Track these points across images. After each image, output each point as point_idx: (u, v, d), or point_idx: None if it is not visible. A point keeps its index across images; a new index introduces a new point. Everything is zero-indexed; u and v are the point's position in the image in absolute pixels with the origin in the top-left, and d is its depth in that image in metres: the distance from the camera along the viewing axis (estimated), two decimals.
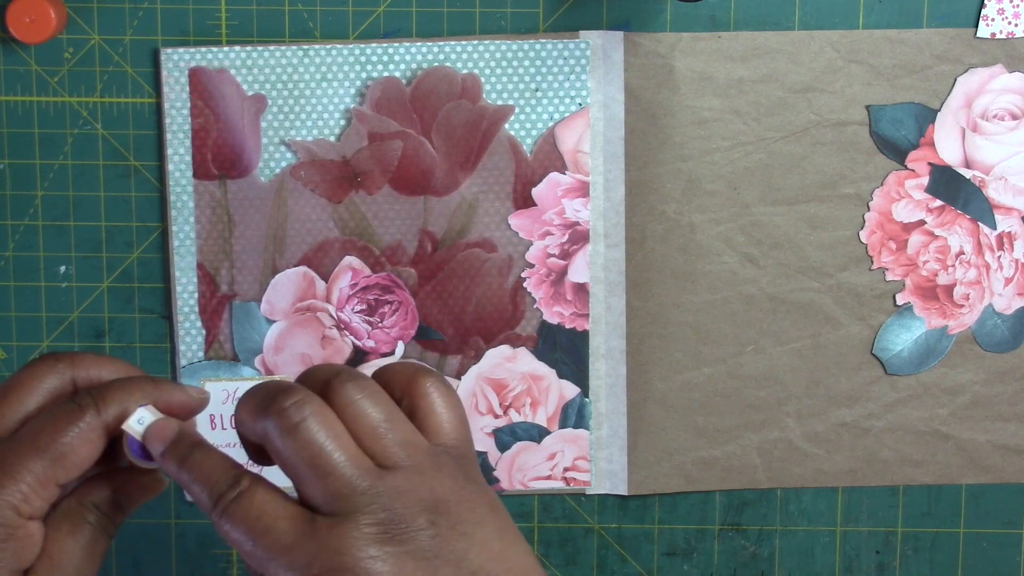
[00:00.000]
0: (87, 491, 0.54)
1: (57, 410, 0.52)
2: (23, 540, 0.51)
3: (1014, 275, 0.74)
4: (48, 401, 0.54)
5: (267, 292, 0.73)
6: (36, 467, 0.51)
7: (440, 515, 0.50)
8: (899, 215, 0.73)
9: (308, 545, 0.49)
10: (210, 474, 0.51)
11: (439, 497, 0.50)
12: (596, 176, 0.72)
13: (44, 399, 0.54)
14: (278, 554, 0.49)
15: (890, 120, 0.72)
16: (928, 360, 0.74)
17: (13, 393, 0.53)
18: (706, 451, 0.74)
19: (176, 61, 0.71)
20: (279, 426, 0.50)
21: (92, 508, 0.54)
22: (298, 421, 0.50)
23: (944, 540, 0.76)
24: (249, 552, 0.50)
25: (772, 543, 0.76)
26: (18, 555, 0.51)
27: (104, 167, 0.72)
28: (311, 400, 0.50)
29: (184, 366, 0.73)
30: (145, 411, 0.53)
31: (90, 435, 0.52)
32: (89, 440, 0.52)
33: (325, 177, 0.72)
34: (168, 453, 0.52)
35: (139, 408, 0.53)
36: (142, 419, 0.53)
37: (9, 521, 0.51)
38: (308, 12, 0.71)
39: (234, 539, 0.50)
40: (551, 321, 0.73)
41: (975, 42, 0.72)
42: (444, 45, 0.71)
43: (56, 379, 0.54)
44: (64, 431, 0.52)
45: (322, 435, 0.50)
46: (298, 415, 0.50)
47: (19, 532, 0.51)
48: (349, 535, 0.49)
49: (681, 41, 0.71)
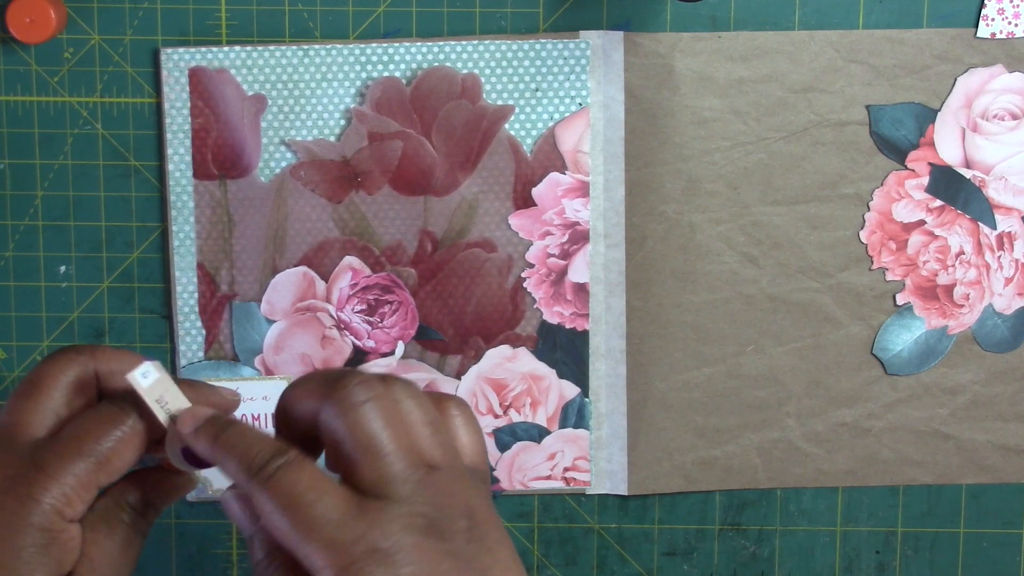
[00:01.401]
0: (121, 491, 0.54)
1: (100, 413, 0.52)
2: (66, 544, 0.51)
3: (1014, 275, 0.74)
4: (72, 394, 0.54)
5: (267, 292, 0.73)
6: (79, 470, 0.51)
7: (474, 524, 0.50)
8: (899, 215, 0.73)
9: (355, 524, 0.48)
10: (250, 446, 0.50)
11: (474, 507, 0.51)
12: (596, 176, 0.72)
13: (69, 392, 0.54)
14: (320, 529, 0.48)
15: (890, 120, 0.72)
16: (928, 360, 0.74)
17: (37, 389, 0.53)
18: (706, 451, 0.74)
19: (176, 61, 0.71)
20: (343, 402, 0.50)
21: (127, 507, 0.54)
22: (363, 400, 0.50)
23: (944, 540, 0.76)
24: (284, 528, 0.49)
25: (772, 543, 0.76)
26: (61, 559, 0.51)
27: (104, 167, 0.72)
28: (375, 385, 0.51)
29: (184, 366, 0.73)
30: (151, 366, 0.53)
31: (133, 439, 0.52)
32: (132, 444, 0.52)
33: (325, 177, 0.72)
34: (202, 431, 0.52)
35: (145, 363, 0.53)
36: (146, 373, 0.52)
37: (53, 525, 0.51)
38: (308, 12, 0.71)
39: (269, 512, 0.49)
40: (551, 321, 0.73)
41: (975, 42, 0.72)
42: (444, 45, 0.71)
43: (78, 371, 0.54)
44: (108, 434, 0.52)
45: (383, 418, 0.50)
46: (363, 395, 0.50)
47: (62, 536, 0.51)
48: (398, 520, 0.49)
49: (681, 41, 0.71)
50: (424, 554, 0.49)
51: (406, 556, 0.48)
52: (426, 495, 0.50)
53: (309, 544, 0.48)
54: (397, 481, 0.50)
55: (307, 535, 0.48)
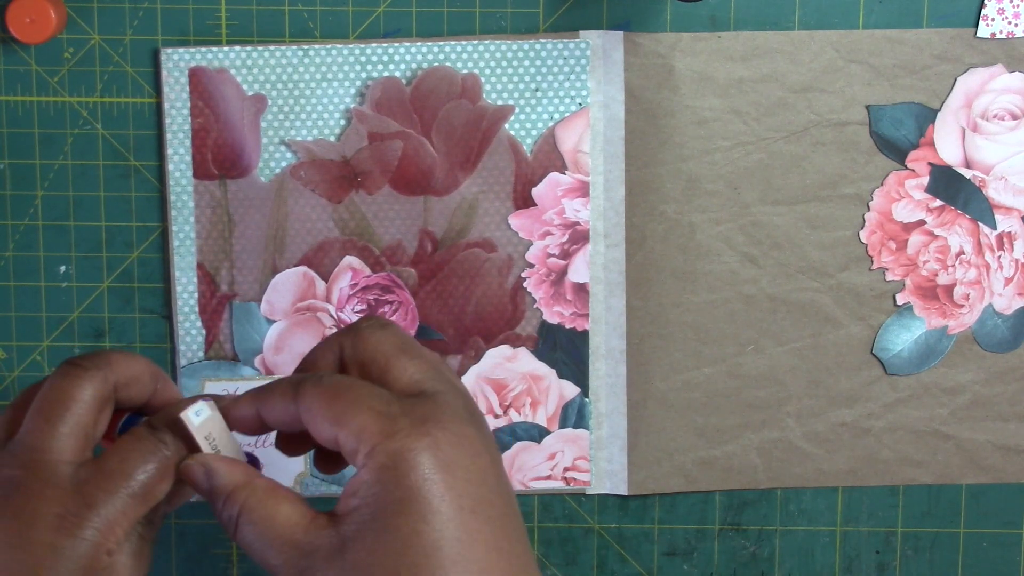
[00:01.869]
0: None
1: (140, 442, 0.53)
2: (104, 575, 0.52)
3: (1014, 275, 0.74)
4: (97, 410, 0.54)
5: (267, 292, 0.73)
6: (124, 505, 0.52)
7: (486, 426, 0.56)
8: (899, 215, 0.73)
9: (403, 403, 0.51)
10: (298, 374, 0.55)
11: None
12: (596, 176, 0.72)
13: (94, 410, 0.54)
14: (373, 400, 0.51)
15: (890, 120, 0.72)
16: (928, 360, 0.74)
17: (62, 409, 0.53)
18: (706, 451, 0.74)
19: (176, 61, 0.71)
20: (372, 325, 0.55)
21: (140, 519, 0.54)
22: (386, 322, 0.55)
23: (944, 540, 0.76)
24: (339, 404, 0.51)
25: (772, 543, 0.76)
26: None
27: (104, 167, 0.72)
28: (369, 317, 0.56)
29: (184, 366, 0.73)
30: (204, 405, 0.54)
31: (170, 469, 0.53)
32: (169, 474, 0.53)
33: (325, 177, 0.72)
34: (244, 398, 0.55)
35: (199, 402, 0.54)
36: (199, 411, 0.54)
37: (98, 562, 0.51)
38: (308, 12, 0.71)
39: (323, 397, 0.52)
40: (551, 321, 0.73)
41: (975, 42, 0.72)
42: (444, 45, 0.71)
43: (98, 385, 0.54)
44: (147, 467, 0.53)
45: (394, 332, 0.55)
46: (366, 323, 0.55)
47: (104, 572, 0.51)
48: (444, 405, 0.52)
49: (681, 41, 0.71)
50: (469, 436, 0.51)
51: (454, 432, 0.51)
52: (460, 388, 0.53)
53: (360, 414, 0.50)
54: (433, 376, 0.53)
55: (358, 407, 0.51)
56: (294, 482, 0.73)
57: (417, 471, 0.49)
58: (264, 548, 0.52)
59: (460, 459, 0.50)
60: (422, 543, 0.49)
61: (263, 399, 0.54)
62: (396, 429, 0.50)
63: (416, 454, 0.49)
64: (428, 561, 0.49)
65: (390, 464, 0.49)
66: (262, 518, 0.52)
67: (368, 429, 0.50)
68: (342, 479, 0.74)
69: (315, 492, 0.74)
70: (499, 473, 0.52)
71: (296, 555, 0.51)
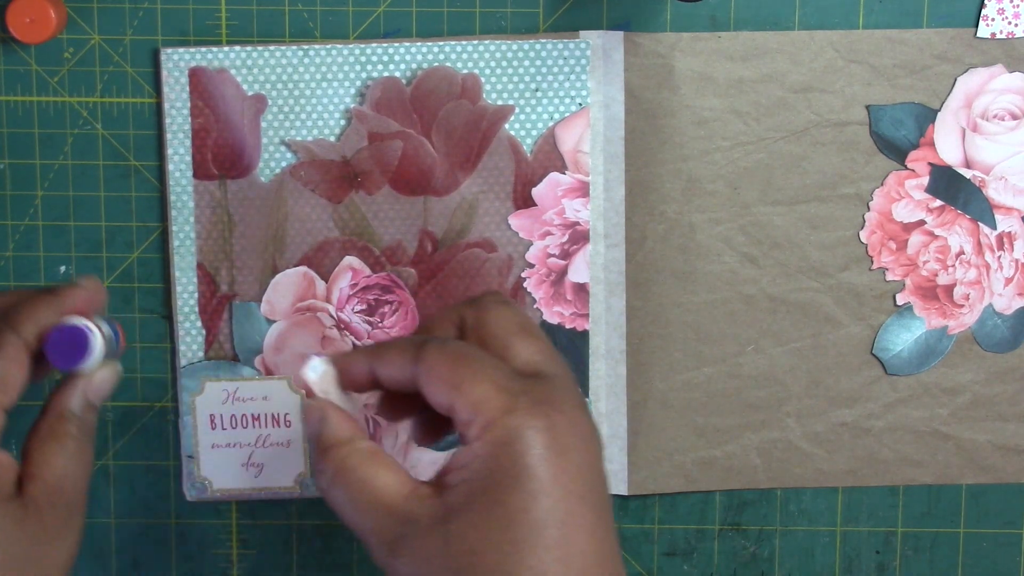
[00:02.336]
0: (58, 403, 0.57)
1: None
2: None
3: (1014, 275, 0.74)
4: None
5: (267, 292, 0.73)
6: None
7: None
8: (899, 215, 0.73)
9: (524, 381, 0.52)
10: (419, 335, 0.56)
11: None
12: (596, 176, 0.72)
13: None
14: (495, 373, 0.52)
15: (890, 120, 0.72)
16: (928, 360, 0.74)
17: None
18: (706, 451, 0.74)
19: (176, 61, 0.71)
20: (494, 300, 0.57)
21: (71, 418, 0.57)
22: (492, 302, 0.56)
23: (944, 540, 0.76)
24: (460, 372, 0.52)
25: (772, 543, 0.76)
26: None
27: (104, 167, 0.72)
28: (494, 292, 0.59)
29: (184, 366, 0.73)
30: (319, 361, 0.56)
31: (17, 356, 0.56)
32: (17, 360, 0.56)
33: (325, 177, 0.72)
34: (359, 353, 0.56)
35: (314, 358, 0.56)
36: (315, 367, 0.56)
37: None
38: (308, 12, 0.71)
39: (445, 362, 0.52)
40: (551, 321, 0.73)
41: (975, 42, 0.72)
42: (444, 45, 0.71)
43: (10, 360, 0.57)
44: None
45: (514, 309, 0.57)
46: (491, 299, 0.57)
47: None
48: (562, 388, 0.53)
49: (681, 41, 0.71)
50: (583, 422, 0.52)
51: (571, 418, 0.51)
52: (568, 373, 0.54)
53: (480, 385, 0.51)
54: (550, 357, 0.54)
55: (479, 377, 0.51)
56: (294, 482, 0.73)
57: (533, 451, 0.50)
58: (356, 511, 0.52)
59: (573, 444, 0.51)
60: (528, 521, 0.49)
61: (380, 356, 0.55)
62: (516, 406, 0.50)
63: (533, 433, 0.50)
64: (531, 539, 0.49)
65: (506, 440, 0.50)
66: (358, 480, 0.52)
67: (488, 402, 0.51)
68: None
69: (314, 492, 0.74)
70: (601, 464, 0.53)
71: (391, 522, 0.51)
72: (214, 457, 0.73)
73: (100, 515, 0.74)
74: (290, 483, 0.74)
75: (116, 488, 0.74)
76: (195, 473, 0.73)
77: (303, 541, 0.75)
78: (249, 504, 0.74)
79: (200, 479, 0.73)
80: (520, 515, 0.49)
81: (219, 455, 0.73)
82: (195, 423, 0.73)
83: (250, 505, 0.74)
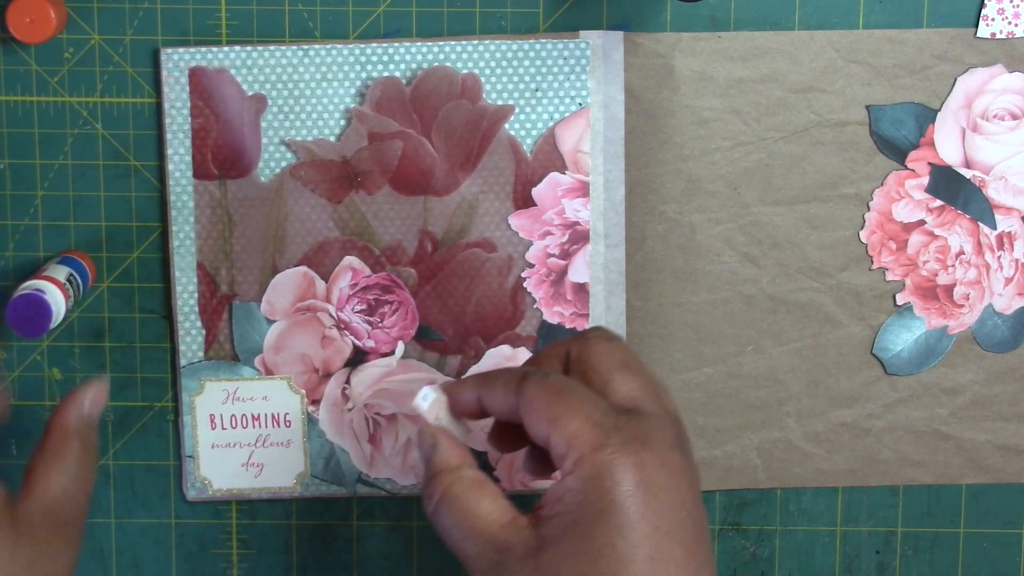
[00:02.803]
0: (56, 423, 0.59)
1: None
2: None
3: (1014, 275, 0.74)
4: None
5: (267, 292, 0.73)
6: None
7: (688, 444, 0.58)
8: (899, 215, 0.73)
9: (619, 418, 0.53)
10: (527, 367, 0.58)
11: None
12: (596, 176, 0.72)
13: None
14: (590, 409, 0.53)
15: (890, 120, 0.72)
16: (928, 360, 0.74)
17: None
18: (706, 451, 0.74)
19: (176, 61, 0.71)
20: (599, 336, 0.58)
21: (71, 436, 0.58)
22: (613, 335, 0.59)
23: (944, 540, 0.76)
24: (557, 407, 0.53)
25: (772, 543, 0.76)
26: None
27: (104, 167, 0.72)
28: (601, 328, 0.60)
29: (184, 366, 0.73)
30: (429, 390, 0.59)
31: None
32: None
33: (325, 177, 0.72)
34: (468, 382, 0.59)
35: (424, 387, 0.59)
36: (426, 396, 0.59)
37: None
38: (308, 12, 0.71)
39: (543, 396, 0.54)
40: (551, 321, 0.73)
41: (975, 42, 0.72)
42: (444, 45, 0.71)
43: None
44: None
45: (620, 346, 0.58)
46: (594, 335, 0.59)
47: None
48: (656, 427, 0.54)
49: (681, 41, 0.71)
50: (674, 462, 0.53)
51: (662, 457, 0.52)
52: (671, 412, 0.55)
53: (575, 419, 0.53)
54: (650, 395, 0.55)
55: (575, 412, 0.53)
56: (295, 481, 0.73)
57: (621, 487, 0.51)
58: (460, 536, 0.54)
59: (662, 482, 0.52)
60: (616, 555, 0.51)
61: (487, 385, 0.57)
62: (607, 443, 0.52)
63: (622, 470, 0.51)
64: (618, 573, 0.50)
65: (596, 475, 0.51)
66: (463, 507, 0.55)
67: (581, 437, 0.52)
68: (341, 479, 0.74)
69: (314, 492, 0.74)
70: (697, 502, 0.54)
71: (490, 549, 0.53)
72: (214, 457, 0.73)
73: (100, 515, 0.74)
74: (290, 483, 0.74)
75: (116, 488, 0.74)
76: (195, 473, 0.73)
77: (303, 541, 0.75)
78: (249, 504, 0.74)
79: (200, 479, 0.73)
80: (607, 549, 0.51)
81: (219, 455, 0.73)
82: (195, 423, 0.73)
83: (250, 505, 0.74)
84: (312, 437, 0.73)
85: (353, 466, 0.74)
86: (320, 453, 0.73)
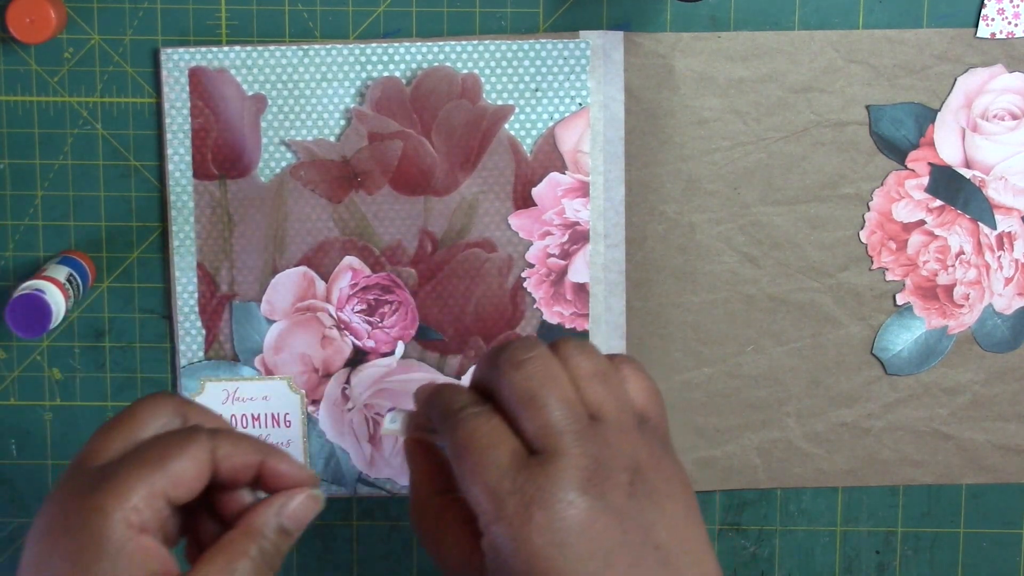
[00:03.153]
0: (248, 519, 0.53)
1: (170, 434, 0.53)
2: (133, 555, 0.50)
3: (1014, 275, 0.74)
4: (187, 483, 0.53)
5: (267, 292, 0.73)
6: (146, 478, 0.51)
7: (639, 478, 0.52)
8: (899, 215, 0.73)
9: (515, 476, 0.51)
10: (454, 398, 0.55)
11: (640, 460, 0.53)
12: (596, 176, 0.72)
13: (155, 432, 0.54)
14: (484, 474, 0.51)
15: (890, 120, 0.72)
16: (928, 360, 0.74)
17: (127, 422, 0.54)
18: (706, 451, 0.74)
19: (176, 61, 0.71)
20: (505, 363, 0.53)
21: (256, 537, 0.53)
22: (523, 359, 0.53)
23: (944, 540, 0.76)
24: (461, 467, 0.52)
25: (772, 543, 0.76)
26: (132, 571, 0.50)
27: (104, 167, 0.72)
28: (538, 346, 0.54)
29: (184, 366, 0.73)
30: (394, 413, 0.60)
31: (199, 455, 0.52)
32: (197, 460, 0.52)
33: (325, 177, 0.72)
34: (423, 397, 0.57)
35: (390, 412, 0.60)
36: (392, 418, 0.60)
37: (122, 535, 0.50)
38: (308, 12, 0.71)
39: (452, 450, 0.53)
40: (551, 321, 0.73)
41: (975, 42, 0.72)
42: (444, 45, 0.71)
43: (169, 417, 0.54)
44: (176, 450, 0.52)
45: (543, 372, 0.53)
46: (523, 354, 0.53)
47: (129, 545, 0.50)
48: (555, 474, 0.51)
49: (681, 41, 0.71)
50: (579, 511, 0.50)
51: (561, 511, 0.50)
52: (584, 447, 0.52)
53: (475, 486, 0.52)
54: (554, 433, 0.52)
55: (473, 478, 0.52)
56: None
57: (519, 557, 0.50)
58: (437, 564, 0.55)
59: (566, 539, 0.50)
60: None
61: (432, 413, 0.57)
62: (501, 514, 0.51)
63: (519, 543, 0.50)
64: None
65: (497, 546, 0.51)
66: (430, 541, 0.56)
67: (479, 506, 0.52)
68: (341, 479, 0.74)
69: None
70: (624, 536, 0.51)
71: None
72: None
73: None
74: None
75: None
76: None
77: (303, 541, 0.75)
78: None
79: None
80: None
81: None
82: None
83: None
84: (312, 437, 0.73)
85: (353, 466, 0.74)
86: (320, 453, 0.74)
